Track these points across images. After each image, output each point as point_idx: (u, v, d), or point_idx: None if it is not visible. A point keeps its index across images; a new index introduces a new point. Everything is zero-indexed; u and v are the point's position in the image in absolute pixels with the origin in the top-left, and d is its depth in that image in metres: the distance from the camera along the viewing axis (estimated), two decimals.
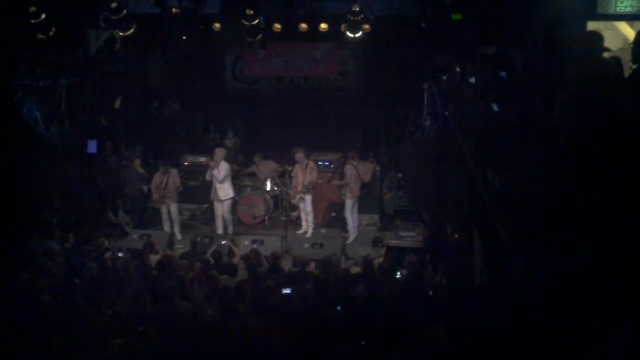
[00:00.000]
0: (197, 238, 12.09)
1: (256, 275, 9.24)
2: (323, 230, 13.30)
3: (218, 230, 12.89)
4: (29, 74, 12.08)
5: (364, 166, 13.15)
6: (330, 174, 13.24)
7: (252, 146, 14.99)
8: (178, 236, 12.84)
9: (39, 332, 7.12)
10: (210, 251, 10.76)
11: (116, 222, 13.62)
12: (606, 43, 5.12)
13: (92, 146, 12.92)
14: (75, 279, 8.85)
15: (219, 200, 12.81)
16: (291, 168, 13.51)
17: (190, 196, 13.86)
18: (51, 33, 11.46)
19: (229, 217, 12.96)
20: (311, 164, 12.88)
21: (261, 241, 11.77)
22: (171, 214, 12.91)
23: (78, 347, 6.91)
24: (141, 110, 15.28)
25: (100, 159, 13.52)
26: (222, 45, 14.37)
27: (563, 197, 4.24)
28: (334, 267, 9.68)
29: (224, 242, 11.40)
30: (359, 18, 11.47)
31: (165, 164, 12.96)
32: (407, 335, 6.88)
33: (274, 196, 13.49)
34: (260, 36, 12.25)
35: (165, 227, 12.94)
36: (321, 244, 11.68)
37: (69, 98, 12.54)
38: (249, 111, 16.19)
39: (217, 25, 12.52)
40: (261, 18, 11.77)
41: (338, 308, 7.69)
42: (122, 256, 10.48)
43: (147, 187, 13.32)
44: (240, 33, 12.12)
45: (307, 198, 12.84)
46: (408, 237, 11.77)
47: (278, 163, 13.98)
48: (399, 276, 9.62)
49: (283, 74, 15.61)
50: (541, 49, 5.72)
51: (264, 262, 10.13)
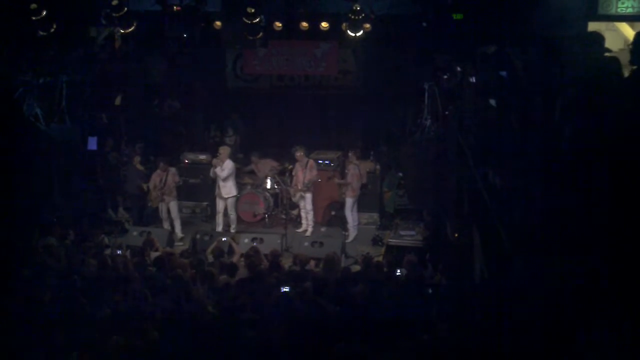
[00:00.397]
0: (197, 236, 12.11)
1: (255, 273, 9.24)
2: (323, 228, 13.31)
3: (218, 227, 12.90)
4: (30, 71, 12.05)
5: (364, 165, 13.17)
6: (331, 173, 13.26)
7: (252, 144, 15.00)
8: (179, 234, 12.84)
9: (39, 330, 7.12)
10: (210, 248, 10.77)
11: (116, 219, 13.64)
12: (607, 44, 5.13)
13: (93, 143, 12.92)
14: (74, 276, 8.85)
15: (223, 197, 12.82)
16: (291, 166, 13.53)
17: (190, 194, 13.88)
18: (52, 30, 11.45)
19: (233, 215, 12.98)
20: (311, 163, 12.89)
21: (261, 239, 11.78)
22: (171, 213, 12.89)
23: (77, 345, 6.91)
24: (142, 107, 15.27)
25: (100, 156, 13.52)
26: (223, 43, 14.34)
27: (563, 197, 4.25)
28: (335, 266, 9.69)
29: (225, 239, 11.41)
30: (360, 17, 11.47)
31: (164, 162, 12.95)
32: (407, 334, 6.89)
33: (274, 194, 13.50)
34: (261, 34, 12.23)
35: (164, 226, 12.93)
36: (321, 243, 11.70)
37: (70, 95, 12.51)
38: (250, 109, 16.19)
39: (218, 23, 12.50)
40: (262, 16, 11.76)
41: (337, 308, 7.68)
42: (122, 253, 10.48)
43: (147, 185, 13.32)
44: (241, 31, 12.11)
45: (307, 196, 12.85)
46: (408, 236, 11.77)
47: (277, 161, 13.99)
48: (399, 274, 9.63)
49: (284, 73, 15.60)
50: (542, 49, 5.73)
51: (264, 260, 10.14)
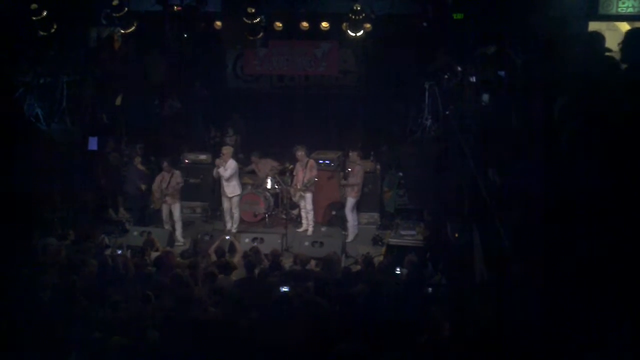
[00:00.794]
0: (198, 236, 12.11)
1: (254, 273, 9.24)
2: (323, 228, 13.31)
3: (227, 225, 12.99)
4: (30, 71, 12.07)
5: (365, 165, 13.19)
6: (331, 172, 13.26)
7: (253, 144, 15.00)
8: (180, 237, 12.79)
9: (39, 329, 7.13)
10: (213, 247, 10.76)
11: (117, 219, 13.63)
12: (607, 43, 5.13)
13: (93, 143, 12.92)
14: (74, 276, 8.85)
15: (227, 196, 12.86)
16: (292, 166, 13.53)
17: (190, 194, 13.87)
18: (53, 30, 11.47)
19: (237, 214, 13.00)
20: (311, 162, 12.89)
21: (261, 239, 11.79)
22: (173, 215, 12.84)
23: (77, 345, 6.91)
24: (142, 107, 15.27)
25: (101, 156, 13.52)
26: (224, 43, 14.37)
27: (563, 197, 4.25)
28: (335, 265, 9.69)
29: (227, 238, 11.42)
30: (360, 17, 11.49)
31: (168, 163, 12.95)
32: (407, 334, 6.89)
33: (275, 194, 13.51)
34: (261, 34, 12.27)
35: (165, 227, 12.91)
36: (321, 242, 11.71)
37: (70, 95, 12.53)
38: (250, 109, 16.19)
39: (219, 23, 12.53)
40: (262, 16, 11.78)
41: (337, 308, 7.68)
42: (122, 253, 10.48)
43: (147, 186, 13.33)
44: (241, 31, 12.13)
45: (308, 196, 12.86)
46: (408, 236, 11.78)
47: (278, 161, 14.00)
48: (399, 272, 9.64)
49: (284, 73, 15.61)
50: (542, 49, 5.73)
51: (264, 260, 10.15)
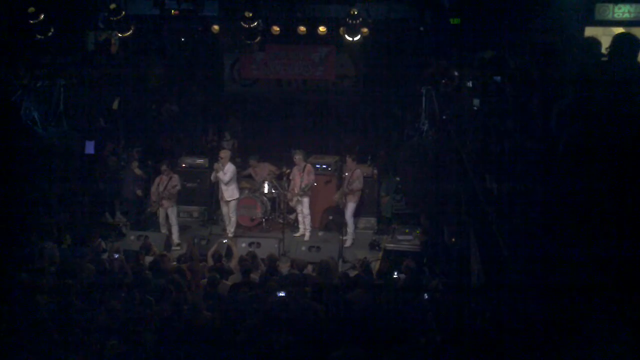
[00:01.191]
0: (195, 240, 12.08)
1: (250, 277, 9.22)
2: (320, 233, 13.30)
3: (227, 228, 12.98)
4: (28, 74, 12.05)
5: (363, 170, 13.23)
6: (328, 177, 13.26)
7: (250, 148, 15.00)
8: (176, 240, 12.80)
9: (35, 333, 7.11)
10: (210, 251, 10.74)
11: (113, 223, 13.60)
12: (604, 49, 5.13)
13: (90, 147, 12.91)
14: (70, 280, 8.82)
15: (225, 200, 12.84)
16: (289, 170, 13.52)
17: (187, 198, 13.85)
18: (50, 34, 11.46)
19: (234, 218, 12.99)
20: (308, 167, 12.89)
21: (258, 243, 11.78)
22: (169, 219, 12.84)
23: (74, 348, 6.89)
24: (139, 111, 15.26)
25: (99, 160, 13.50)
26: (221, 47, 14.38)
27: (561, 203, 4.26)
28: (332, 271, 9.68)
29: (225, 241, 11.40)
30: (358, 21, 11.49)
31: (167, 166, 12.95)
32: (404, 339, 6.88)
33: (272, 199, 13.50)
34: (258, 39, 12.26)
35: (162, 230, 12.90)
36: (318, 247, 11.70)
37: (67, 99, 12.50)
38: (247, 113, 16.20)
39: (216, 27, 12.53)
40: (260, 20, 11.77)
41: (334, 313, 7.67)
42: (118, 257, 10.45)
43: (144, 190, 13.32)
44: (239, 35, 12.14)
45: (305, 201, 12.85)
46: (405, 241, 11.76)
47: (275, 165, 13.99)
48: (396, 276, 9.64)
49: (281, 77, 15.61)
50: (539, 54, 5.74)
51: (261, 265, 10.13)
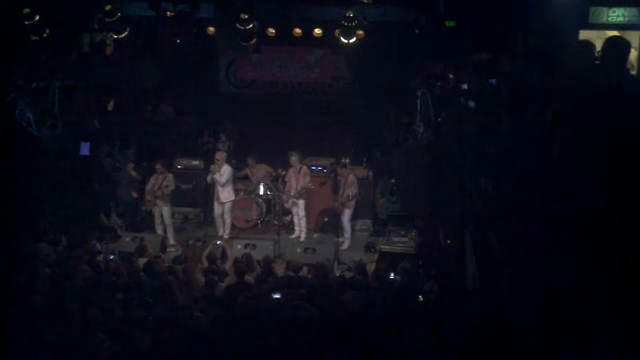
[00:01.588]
0: (189, 241, 12.07)
1: (244, 279, 9.22)
2: (316, 235, 13.30)
3: (219, 231, 12.92)
4: (23, 76, 12.03)
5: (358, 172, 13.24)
6: (324, 179, 13.27)
7: (245, 150, 14.99)
8: (171, 240, 12.81)
9: (30, 335, 7.09)
10: (205, 253, 10.74)
11: (108, 225, 13.58)
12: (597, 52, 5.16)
13: (85, 149, 12.88)
14: (65, 282, 8.81)
15: (220, 202, 12.83)
16: (284, 172, 13.52)
17: (183, 199, 13.85)
18: (45, 35, 11.44)
19: (229, 220, 12.97)
20: (304, 169, 12.89)
21: (253, 245, 11.78)
22: (163, 218, 12.87)
23: (68, 350, 6.88)
24: (134, 113, 15.25)
25: (94, 162, 13.48)
26: (216, 49, 14.38)
27: (555, 206, 4.27)
28: (328, 272, 9.69)
29: (219, 243, 11.40)
30: (353, 24, 11.52)
31: (161, 165, 12.95)
32: (399, 341, 6.89)
33: (267, 200, 13.49)
34: (254, 40, 12.27)
35: (158, 231, 12.91)
36: (313, 249, 11.71)
37: (62, 100, 12.49)
38: (243, 115, 16.19)
39: (212, 29, 12.54)
40: (255, 22, 11.79)
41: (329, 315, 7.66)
42: (114, 259, 10.45)
43: (139, 191, 13.32)
44: (234, 37, 12.15)
45: (300, 202, 12.85)
46: (400, 243, 11.79)
47: (271, 167, 13.99)
48: (392, 277, 9.67)
49: (277, 79, 15.62)
50: (533, 58, 5.77)
51: (257, 267, 10.13)
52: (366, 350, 6.66)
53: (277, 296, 8.08)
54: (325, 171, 13.42)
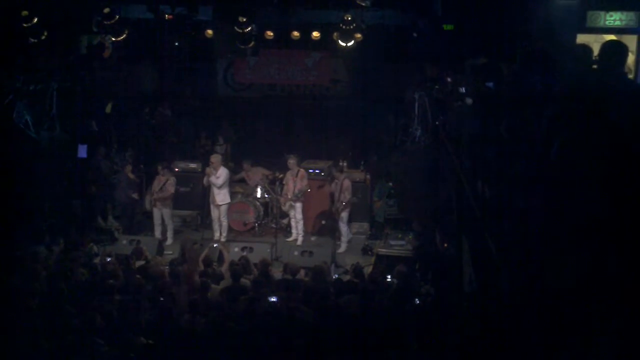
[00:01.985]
0: (187, 244, 12.03)
1: (240, 282, 9.21)
2: (313, 237, 13.30)
3: (215, 233, 12.91)
4: (20, 78, 12.03)
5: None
6: (321, 182, 13.28)
7: (243, 153, 15.00)
8: (169, 241, 12.81)
9: (26, 338, 7.08)
10: (201, 256, 10.72)
11: (105, 228, 13.56)
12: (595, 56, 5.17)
13: (83, 151, 12.89)
14: (62, 285, 8.79)
15: (216, 205, 12.82)
16: (282, 175, 13.52)
17: (180, 202, 13.83)
18: (43, 37, 11.45)
19: (225, 223, 12.96)
20: (302, 172, 12.89)
21: (251, 248, 11.76)
22: (164, 220, 12.92)
23: (65, 353, 6.87)
24: (132, 115, 15.25)
25: (92, 164, 13.47)
26: (214, 51, 14.39)
27: (552, 209, 4.28)
28: (325, 275, 9.68)
29: (216, 245, 11.37)
30: (351, 27, 11.54)
31: (163, 168, 12.97)
32: (396, 344, 6.89)
33: (264, 203, 13.49)
34: (252, 43, 12.28)
35: (156, 232, 12.90)
36: (311, 252, 11.69)
37: (60, 102, 12.49)
38: (240, 118, 16.20)
39: (210, 31, 12.55)
40: (253, 25, 11.80)
41: (332, 319, 7.65)
42: (110, 261, 10.43)
43: (138, 194, 13.31)
44: (232, 40, 12.16)
45: (298, 205, 12.85)
46: (398, 246, 11.78)
47: (268, 170, 13.99)
48: (389, 280, 9.66)
49: (275, 82, 15.64)
50: (531, 61, 5.78)
51: (254, 269, 10.12)
52: (364, 353, 6.66)
53: (274, 299, 8.08)
54: (322, 174, 13.43)
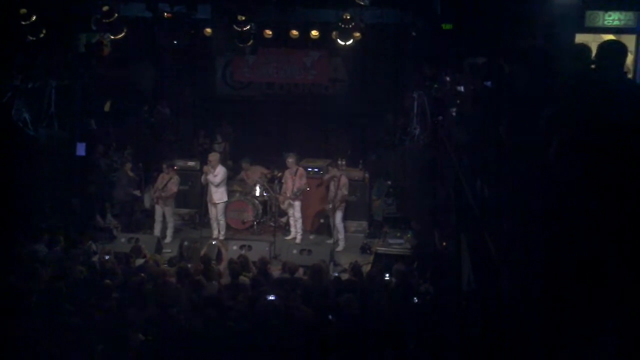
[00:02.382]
0: (185, 242, 12.07)
1: (238, 280, 9.22)
2: (312, 236, 13.32)
3: (214, 232, 12.93)
4: (19, 76, 12.02)
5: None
6: (320, 180, 13.29)
7: (241, 151, 15.00)
8: (168, 239, 12.83)
9: (25, 336, 7.08)
10: (200, 254, 10.72)
11: (104, 226, 13.56)
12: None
13: (81, 149, 12.88)
14: (61, 283, 8.79)
15: (214, 203, 12.82)
16: (280, 174, 13.53)
17: (178, 200, 13.83)
18: (42, 35, 11.44)
19: (223, 221, 12.96)
20: (301, 171, 12.91)
21: (249, 246, 11.78)
22: (165, 217, 12.97)
23: (64, 351, 6.87)
24: (131, 114, 15.24)
25: (89, 162, 13.47)
26: (213, 50, 14.39)
27: (551, 208, 4.29)
28: (323, 274, 9.69)
29: (214, 243, 11.38)
30: (350, 26, 11.53)
31: (169, 167, 13.00)
32: (394, 343, 6.90)
33: (263, 202, 13.50)
34: (251, 42, 12.27)
35: (156, 230, 12.94)
36: (309, 250, 11.71)
37: (59, 100, 12.47)
38: (239, 116, 16.20)
39: (208, 30, 12.53)
40: (252, 24, 11.79)
41: (329, 317, 7.66)
42: (109, 259, 10.42)
43: (138, 191, 13.32)
44: (231, 38, 12.15)
45: (296, 204, 12.86)
46: (396, 245, 11.79)
47: (267, 168, 14.00)
48: (387, 278, 9.67)
49: (273, 80, 15.65)
50: (530, 61, 5.78)
51: (252, 268, 10.13)
52: (362, 352, 6.67)
53: (273, 297, 8.09)
54: (321, 173, 13.44)
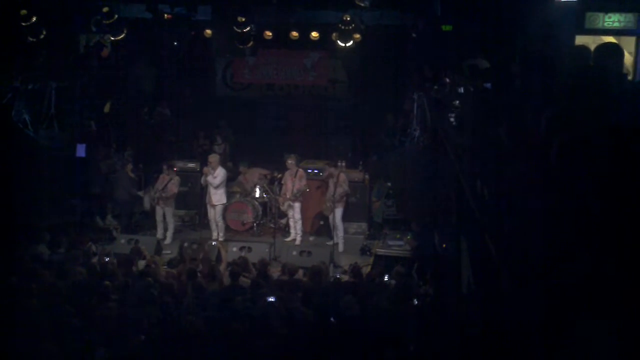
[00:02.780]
0: (185, 244, 12.06)
1: (239, 281, 9.21)
2: (311, 237, 13.31)
3: (213, 233, 12.93)
4: (19, 77, 12.03)
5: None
6: (320, 182, 13.29)
7: (241, 153, 15.00)
8: (168, 240, 12.83)
9: (25, 337, 7.08)
10: (199, 256, 10.72)
11: (104, 227, 13.56)
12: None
13: (81, 150, 12.89)
14: (61, 284, 8.79)
15: (212, 205, 12.83)
16: (280, 175, 13.53)
17: (178, 202, 13.83)
18: (42, 36, 11.45)
19: (222, 223, 12.96)
20: (300, 172, 12.90)
21: (249, 248, 11.77)
22: (166, 218, 12.98)
23: (65, 352, 6.87)
24: (131, 115, 15.24)
25: (90, 163, 13.48)
26: (213, 51, 14.41)
27: (551, 209, 4.29)
28: (323, 276, 9.69)
29: (214, 243, 11.37)
30: (350, 27, 11.55)
31: (169, 168, 13.01)
32: (394, 345, 6.90)
33: (263, 203, 13.50)
34: (251, 43, 12.29)
35: (158, 231, 12.97)
36: (309, 252, 11.70)
37: (59, 101, 12.49)
38: (239, 118, 16.21)
39: (209, 31, 12.56)
40: (252, 25, 11.81)
41: (331, 319, 7.66)
42: (109, 261, 10.42)
43: (142, 192, 13.33)
44: (231, 40, 12.17)
45: (296, 205, 12.86)
46: (396, 246, 11.78)
47: (266, 170, 13.99)
48: (386, 279, 9.66)
49: (273, 82, 15.65)
50: (530, 62, 5.79)
51: (252, 269, 10.13)
52: (362, 353, 6.67)
53: (273, 299, 8.08)
54: (321, 174, 13.44)
